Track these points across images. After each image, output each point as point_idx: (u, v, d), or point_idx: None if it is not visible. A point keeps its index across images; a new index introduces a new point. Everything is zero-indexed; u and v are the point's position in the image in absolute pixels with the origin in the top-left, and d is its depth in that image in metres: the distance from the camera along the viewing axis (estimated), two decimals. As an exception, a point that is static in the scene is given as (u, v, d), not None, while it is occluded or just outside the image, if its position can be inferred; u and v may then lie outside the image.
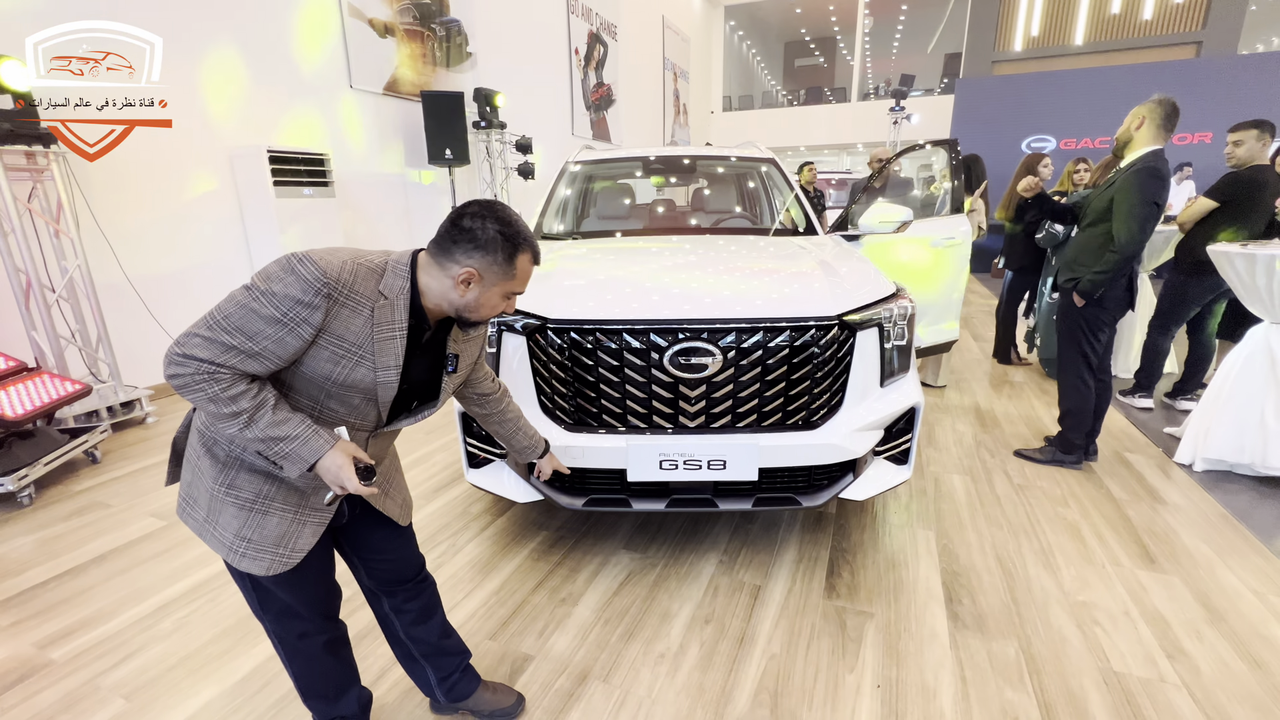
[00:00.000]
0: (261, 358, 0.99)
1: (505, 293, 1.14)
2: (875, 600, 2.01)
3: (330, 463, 1.04)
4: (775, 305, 1.97)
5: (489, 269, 1.09)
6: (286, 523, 1.14)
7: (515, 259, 1.10)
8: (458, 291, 1.10)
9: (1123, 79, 9.98)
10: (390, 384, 1.11)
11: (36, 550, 2.34)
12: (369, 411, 1.14)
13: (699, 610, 1.98)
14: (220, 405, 0.98)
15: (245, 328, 0.97)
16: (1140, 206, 2.52)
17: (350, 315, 1.03)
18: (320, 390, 1.08)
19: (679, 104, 14.17)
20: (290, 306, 0.97)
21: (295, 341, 0.99)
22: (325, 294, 0.99)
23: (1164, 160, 2.60)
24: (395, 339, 1.09)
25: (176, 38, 4.08)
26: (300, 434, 1.02)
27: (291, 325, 0.98)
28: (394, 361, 1.10)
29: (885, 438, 2.14)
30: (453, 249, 1.08)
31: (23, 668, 1.75)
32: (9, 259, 3.21)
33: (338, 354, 1.05)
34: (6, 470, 2.63)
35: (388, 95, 5.95)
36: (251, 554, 1.12)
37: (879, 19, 17.15)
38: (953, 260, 3.78)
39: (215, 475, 1.11)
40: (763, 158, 3.62)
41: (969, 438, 3.35)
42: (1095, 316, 2.76)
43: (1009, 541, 2.34)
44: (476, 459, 2.23)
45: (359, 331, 1.05)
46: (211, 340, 0.96)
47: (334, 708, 1.37)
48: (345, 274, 1.01)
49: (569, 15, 9.13)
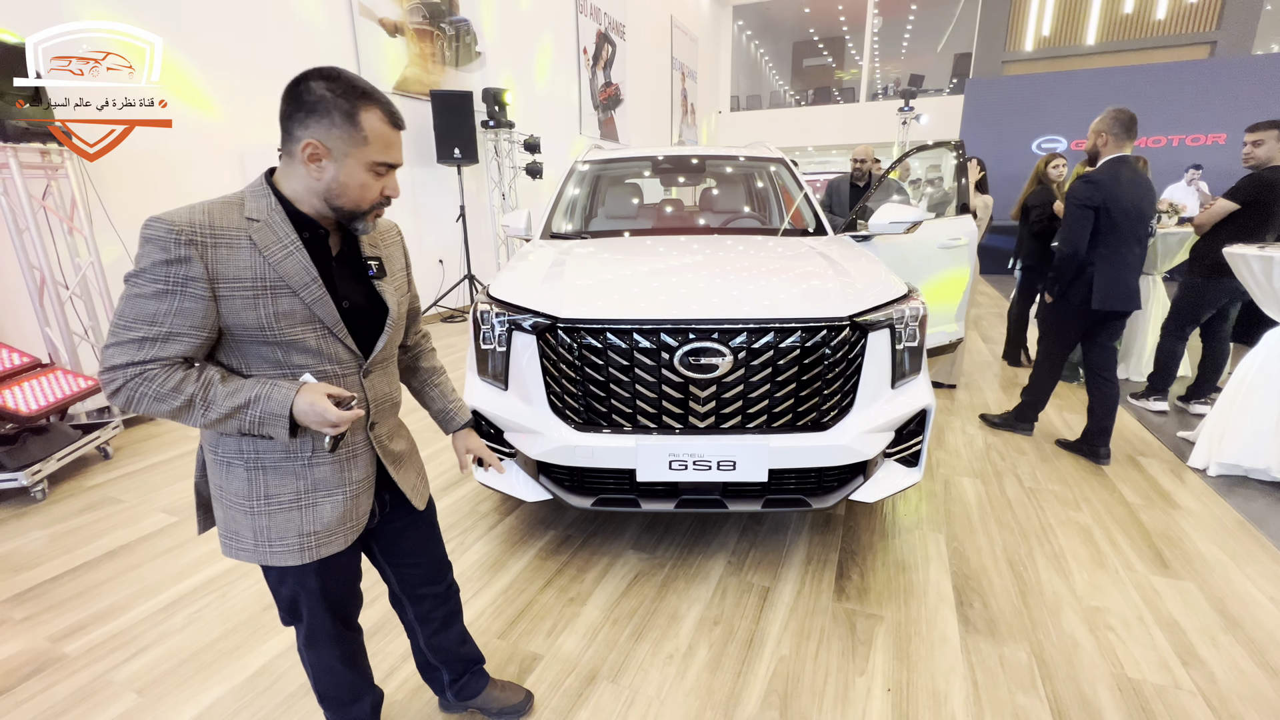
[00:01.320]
0: (177, 337, 0.95)
1: (367, 164, 1.00)
2: (885, 603, 2.00)
3: (303, 403, 0.98)
4: (786, 306, 1.96)
5: (330, 135, 0.97)
6: (339, 503, 1.12)
7: (357, 117, 0.97)
8: (312, 175, 0.99)
9: (1135, 79, 9.88)
10: (322, 301, 1.03)
11: (50, 545, 2.36)
12: (334, 348, 1.07)
13: (708, 611, 1.97)
14: (169, 401, 0.94)
15: (141, 314, 0.93)
16: (1069, 211, 2.89)
17: (229, 253, 0.96)
18: (268, 345, 1.02)
19: (687, 104, 14.15)
20: (164, 271, 0.92)
21: (193, 304, 0.94)
22: (186, 241, 0.93)
23: (1125, 165, 2.84)
24: (294, 254, 1.01)
25: (189, 38, 4.11)
26: (261, 392, 0.98)
27: (177, 289, 0.93)
28: (307, 277, 1.02)
29: (896, 439, 2.13)
30: (290, 125, 0.98)
31: (36, 661, 1.76)
32: (23, 256, 3.24)
33: (248, 296, 0.98)
34: (20, 465, 2.66)
35: (397, 94, 5.97)
36: (324, 543, 1.12)
37: (888, 19, 17.07)
38: (959, 260, 3.76)
39: (247, 494, 1.08)
40: (772, 157, 3.61)
41: (979, 440, 3.33)
42: (1060, 311, 3.08)
43: (1020, 545, 2.32)
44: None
45: (249, 264, 0.98)
46: (122, 343, 0.93)
47: (347, 712, 1.37)
48: (199, 215, 0.95)
49: (577, 15, 9.13)
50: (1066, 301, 3.02)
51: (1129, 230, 2.83)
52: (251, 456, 1.07)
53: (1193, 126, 9.62)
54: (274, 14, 4.71)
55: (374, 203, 1.05)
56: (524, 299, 2.08)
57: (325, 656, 1.27)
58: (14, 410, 2.73)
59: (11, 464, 2.65)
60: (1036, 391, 3.34)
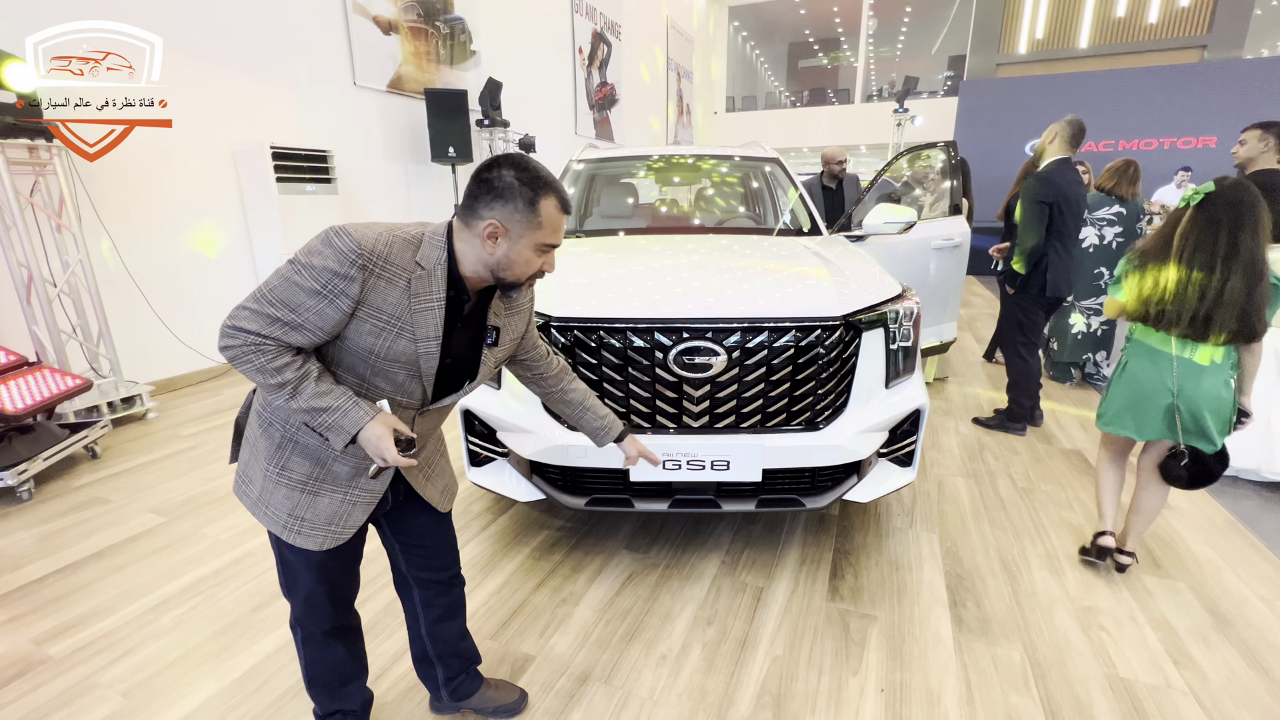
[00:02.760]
0: (304, 329, 1.01)
1: (536, 245, 1.09)
2: (879, 603, 2.00)
3: (371, 433, 1.05)
4: (780, 305, 1.95)
5: (511, 219, 1.06)
6: (336, 503, 1.17)
7: (538, 205, 1.06)
8: (487, 249, 1.08)
9: (1128, 82, 9.95)
10: (431, 355, 1.12)
11: (36, 545, 2.33)
12: (414, 388, 1.15)
13: (701, 611, 1.96)
14: (267, 376, 1.01)
15: (288, 300, 1.00)
16: (1029, 206, 3.11)
17: (387, 287, 1.04)
18: (365, 365, 1.09)
19: (682, 104, 14.16)
20: (329, 279, 0.99)
21: (335, 313, 1.02)
22: (360, 265, 1.00)
23: (1069, 166, 3.17)
24: (434, 309, 1.09)
25: (182, 36, 4.07)
26: (342, 405, 1.05)
27: (330, 297, 1.00)
28: (433, 333, 1.10)
29: (890, 439, 2.13)
30: (476, 205, 1.07)
31: (20, 664, 1.74)
32: (11, 253, 3.20)
33: (377, 326, 1.06)
34: (6, 465, 2.62)
35: (391, 93, 5.94)
36: (306, 531, 1.16)
37: (883, 20, 17.14)
38: (952, 261, 3.77)
39: (270, 456, 1.15)
40: (767, 157, 3.61)
41: (972, 440, 3.33)
42: (1024, 302, 3.30)
43: (1013, 545, 2.33)
44: (478, 458, 2.22)
45: (396, 303, 1.06)
46: (257, 313, 1.00)
47: (336, 699, 1.37)
48: (380, 246, 1.03)
49: (573, 14, 9.12)
50: (1026, 292, 3.26)
51: (1074, 225, 3.19)
52: (291, 430, 1.14)
53: (1184, 129, 9.70)
54: (264, 12, 4.67)
55: (531, 275, 1.14)
56: (517, 297, 2.06)
57: (317, 629, 1.30)
58: (0, 409, 2.69)
59: (-3, 463, 2.61)
60: (1021, 388, 3.42)
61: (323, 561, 1.22)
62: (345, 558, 1.26)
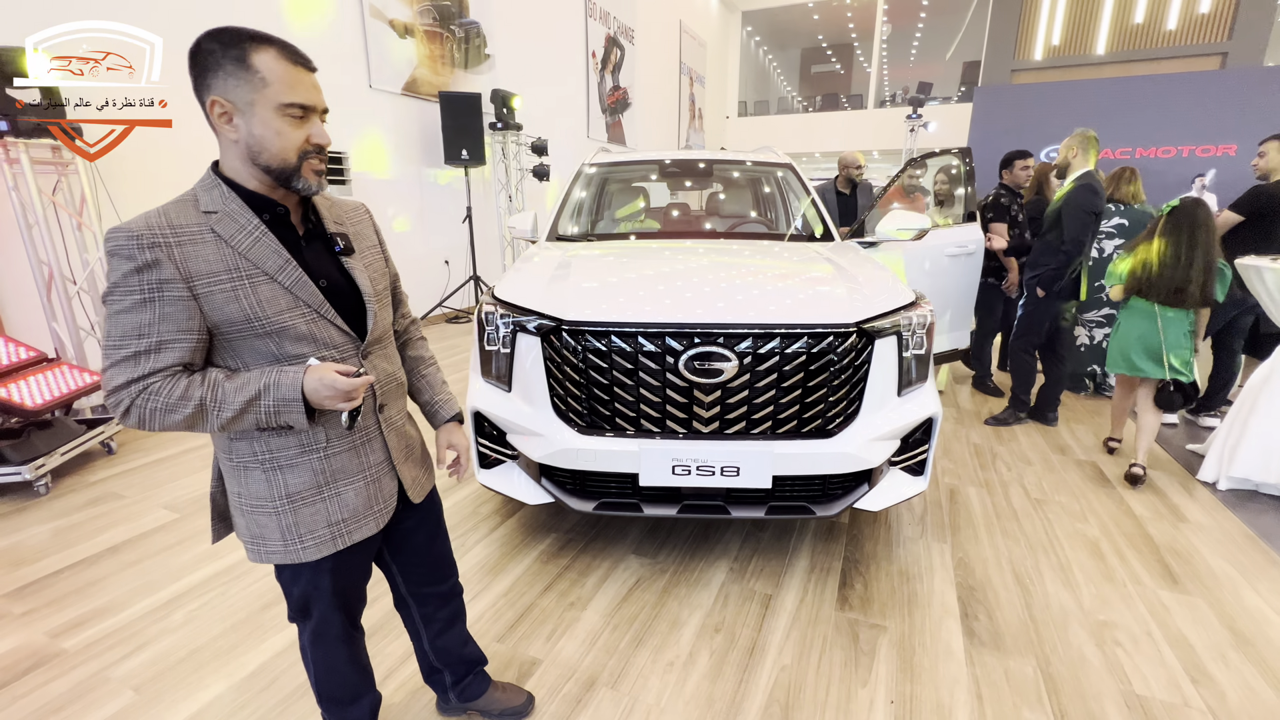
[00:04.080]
0: (169, 345, 0.93)
1: (278, 108, 0.94)
2: (889, 613, 1.98)
3: (313, 381, 0.96)
4: (793, 311, 1.94)
5: (228, 88, 0.92)
6: (362, 487, 1.14)
7: (248, 59, 0.92)
8: (230, 139, 0.95)
9: (1146, 89, 9.84)
10: (300, 282, 1.02)
11: (52, 539, 2.36)
12: (326, 332, 1.06)
13: (709, 618, 1.95)
14: (180, 410, 0.93)
15: (129, 329, 0.92)
16: (1081, 216, 3.20)
17: (195, 249, 0.94)
18: (263, 339, 1.00)
19: (694, 108, 14.18)
20: (136, 280, 0.91)
21: (174, 308, 0.93)
22: (148, 245, 0.91)
23: (1096, 179, 3.28)
24: (260, 238, 0.99)
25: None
26: (270, 380, 0.97)
27: (155, 295, 0.92)
28: (280, 259, 1.00)
29: (901, 448, 2.11)
30: (199, 97, 0.94)
31: (35, 657, 1.76)
32: (33, 251, 3.26)
33: (225, 288, 0.96)
34: (24, 459, 2.66)
35: (406, 95, 6.00)
36: (355, 528, 1.14)
37: (897, 26, 17.09)
38: (966, 269, 3.74)
39: (269, 495, 1.07)
40: (779, 162, 3.60)
41: (985, 450, 3.30)
42: (1051, 304, 3.44)
43: (1026, 557, 2.30)
44: (487, 459, 2.22)
45: (218, 256, 0.96)
46: (117, 363, 0.92)
47: (346, 712, 1.35)
48: (155, 220, 0.93)
49: (587, 19, 9.16)
50: (1049, 297, 3.40)
51: (1096, 232, 3.47)
52: (267, 457, 1.06)
53: (1203, 137, 9.56)
54: (285, 14, 4.73)
55: (301, 151, 0.98)
56: (529, 301, 2.07)
57: (330, 654, 1.27)
58: (19, 404, 2.74)
59: (15, 458, 2.66)
60: (1026, 381, 3.62)
61: (334, 585, 1.18)
62: (355, 577, 1.24)
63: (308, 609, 1.20)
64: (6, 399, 2.72)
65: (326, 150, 1.03)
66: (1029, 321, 3.55)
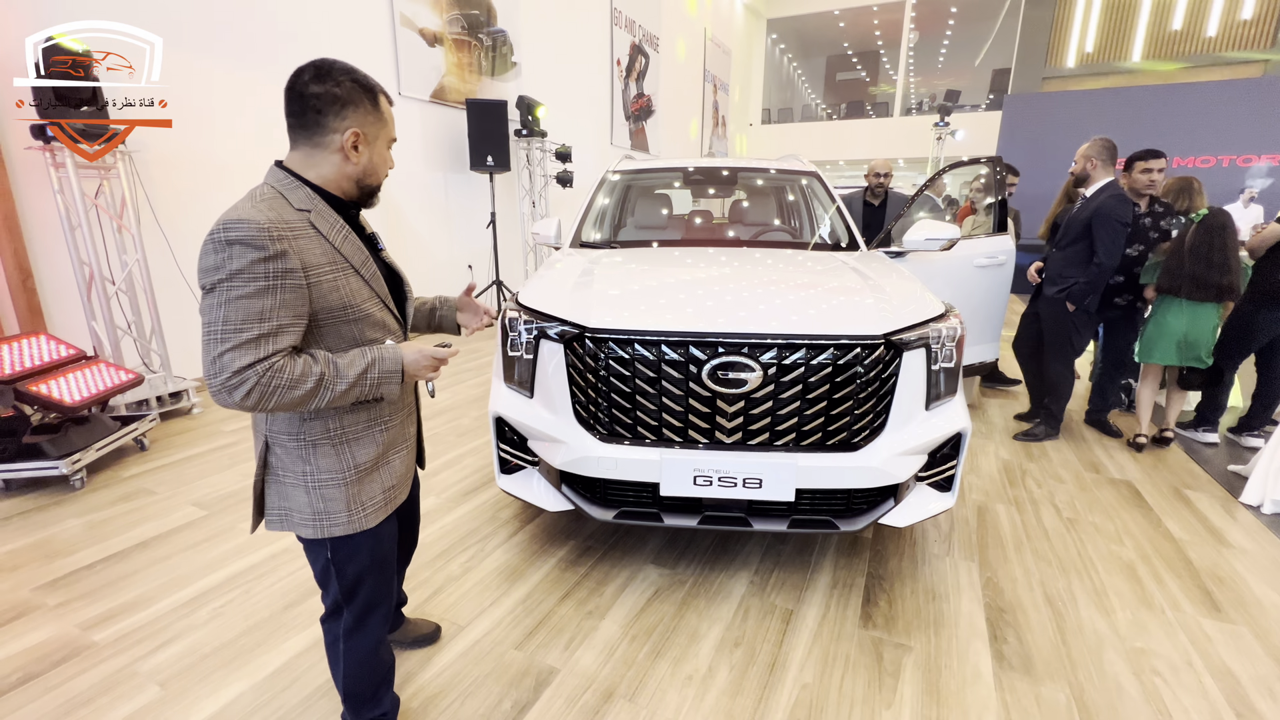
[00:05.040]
0: (286, 329, 1.01)
1: (387, 142, 1.16)
2: (914, 633, 1.93)
3: (412, 354, 1.13)
4: (819, 322, 1.91)
5: (365, 122, 1.09)
6: (404, 459, 1.31)
7: (379, 102, 1.12)
8: (350, 160, 1.10)
9: (1184, 97, 9.59)
10: (376, 275, 1.17)
11: (86, 533, 2.43)
12: (387, 318, 1.20)
13: (729, 632, 1.92)
14: (302, 385, 1.01)
15: (251, 314, 0.97)
16: (1114, 228, 3.11)
17: (306, 242, 1.04)
18: (349, 324, 1.11)
19: (718, 116, 14.18)
20: (264, 269, 0.98)
21: (294, 295, 1.01)
22: (278, 237, 0.99)
23: (1122, 188, 3.22)
24: (348, 236, 1.13)
25: (236, 52, 4.26)
26: (374, 356, 1.09)
27: (279, 283, 0.99)
28: (362, 254, 1.15)
29: (929, 463, 2.06)
30: (321, 120, 1.06)
31: (66, 648, 1.80)
32: (75, 252, 3.37)
33: (329, 279, 1.07)
34: (62, 454, 2.74)
35: (434, 103, 6.09)
36: (399, 493, 1.28)
37: (924, 33, 16.90)
38: (996, 279, 3.66)
39: (339, 468, 1.16)
40: (804, 170, 3.57)
41: (1014, 465, 3.21)
42: (1081, 318, 3.32)
43: (1058, 579, 2.22)
44: (508, 465, 2.23)
45: (322, 249, 1.07)
46: (239, 345, 0.96)
47: (373, 706, 1.39)
48: (269, 213, 1.01)
49: (612, 27, 9.23)
50: (1083, 309, 3.30)
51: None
52: (338, 433, 1.15)
53: (1244, 147, 9.28)
54: (317, 24, 4.85)
55: (387, 173, 1.19)
56: (552, 307, 2.07)
57: (367, 640, 1.32)
58: (59, 400, 2.82)
59: (54, 452, 2.74)
60: (1064, 395, 3.53)
61: (385, 553, 1.29)
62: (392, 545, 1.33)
63: (358, 588, 1.26)
64: (47, 395, 2.80)
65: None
66: (1062, 335, 3.40)
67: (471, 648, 1.83)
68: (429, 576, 2.17)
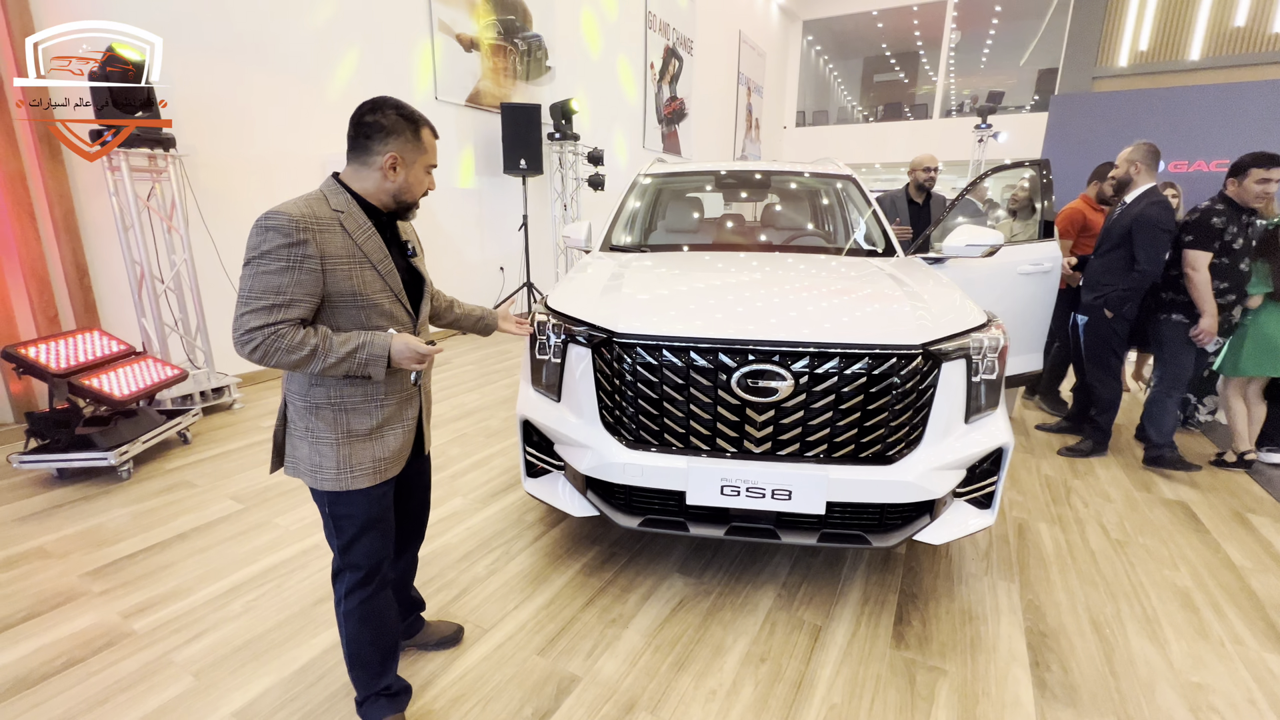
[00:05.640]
0: (297, 303, 1.20)
1: (425, 167, 1.36)
2: (949, 655, 1.85)
3: (399, 345, 1.27)
4: (854, 330, 1.85)
5: (404, 148, 1.31)
6: (399, 437, 1.43)
7: (420, 133, 1.33)
8: (389, 180, 1.32)
9: (1248, 97, 9.08)
10: (392, 272, 1.35)
11: (130, 523, 2.52)
12: (398, 311, 1.37)
13: (754, 646, 1.88)
14: (298, 351, 1.19)
15: (270, 288, 1.18)
16: (1159, 235, 3.00)
17: (330, 236, 1.24)
18: (358, 310, 1.29)
19: (751, 118, 14.06)
20: (286, 252, 1.18)
21: (309, 276, 1.21)
22: (301, 228, 1.19)
23: (1160, 194, 3.11)
24: (372, 236, 1.32)
25: (280, 61, 4.39)
26: (366, 339, 1.26)
27: (298, 265, 1.19)
28: (383, 253, 1.33)
29: (967, 478, 1.98)
30: (369, 144, 1.29)
31: (108, 635, 1.86)
32: (127, 252, 3.51)
33: (344, 268, 1.26)
34: (111, 445, 2.85)
35: (469, 107, 6.19)
36: (390, 466, 1.41)
37: (967, 33, 16.45)
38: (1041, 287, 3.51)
39: (334, 429, 1.33)
40: (840, 174, 3.49)
41: (1057, 482, 3.07)
42: (1119, 326, 3.23)
43: (1106, 604, 2.11)
44: (534, 468, 2.22)
45: (343, 244, 1.26)
46: (255, 310, 1.17)
47: (379, 680, 1.49)
48: (304, 208, 1.22)
49: (646, 30, 9.24)
50: (1121, 317, 3.21)
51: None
52: (338, 400, 1.33)
53: (1314, 149, 8.74)
54: (358, 32, 4.97)
55: (425, 192, 1.41)
56: (581, 312, 2.06)
57: (369, 596, 1.43)
58: (109, 394, 2.94)
59: (103, 444, 2.85)
60: (1112, 407, 3.40)
61: (383, 512, 1.42)
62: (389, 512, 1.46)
63: (353, 544, 1.40)
64: (98, 389, 2.92)
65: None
66: (1102, 344, 3.32)
67: (494, 651, 1.83)
68: (454, 578, 2.18)
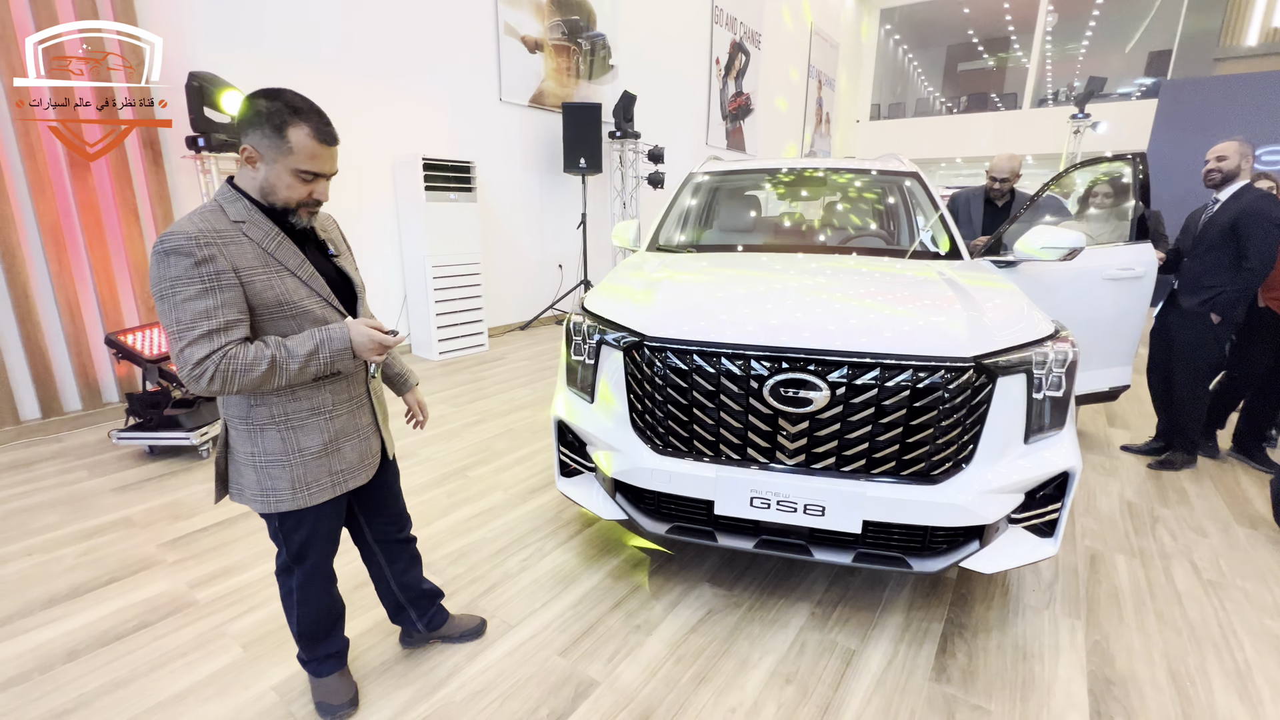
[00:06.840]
0: (234, 324, 1.14)
1: (293, 170, 1.17)
2: (995, 695, 1.70)
3: (359, 336, 1.22)
4: (897, 339, 1.74)
5: (262, 144, 1.15)
6: (357, 445, 1.40)
7: (285, 132, 1.14)
8: (249, 173, 1.18)
9: None
10: (314, 276, 1.27)
11: (205, 499, 2.73)
12: (331, 316, 1.29)
13: (781, 665, 1.80)
14: (257, 367, 1.13)
15: (198, 313, 1.10)
16: (1271, 230, 2.80)
17: (236, 248, 1.16)
18: (288, 319, 1.22)
19: (821, 113, 13.59)
20: (197, 273, 1.10)
21: (233, 293, 1.14)
22: (203, 243, 1.10)
23: (1259, 188, 2.92)
24: (283, 241, 1.23)
25: (355, 64, 4.63)
26: (322, 337, 1.20)
27: (215, 282, 1.12)
28: (298, 259, 1.25)
29: (1026, 503, 1.82)
30: (238, 132, 1.17)
31: (175, 603, 2.03)
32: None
33: (263, 279, 1.18)
34: (194, 426, 3.11)
35: (532, 107, 6.31)
36: (350, 478, 1.39)
37: (1065, 15, 15.19)
38: (1131, 295, 3.18)
39: (283, 451, 1.28)
40: (905, 171, 3.30)
41: (1143, 511, 2.77)
42: (1223, 330, 3.02)
43: (1189, 652, 1.88)
44: (568, 468, 2.24)
45: (254, 254, 1.18)
46: (193, 342, 1.10)
47: (326, 645, 1.57)
48: (200, 224, 1.13)
49: (712, 26, 9.11)
50: (1229, 321, 3.02)
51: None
52: (283, 419, 1.27)
53: None
54: (426, 34, 5.17)
55: (301, 202, 1.23)
56: (615, 314, 2.05)
57: (318, 592, 1.49)
58: (194, 379, 3.20)
59: (188, 424, 3.12)
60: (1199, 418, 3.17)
61: (329, 528, 1.42)
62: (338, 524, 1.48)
63: (305, 553, 1.41)
64: (185, 374, 3.19)
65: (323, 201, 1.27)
66: (1202, 350, 3.07)
67: (518, 648, 1.85)
68: (486, 572, 2.23)
